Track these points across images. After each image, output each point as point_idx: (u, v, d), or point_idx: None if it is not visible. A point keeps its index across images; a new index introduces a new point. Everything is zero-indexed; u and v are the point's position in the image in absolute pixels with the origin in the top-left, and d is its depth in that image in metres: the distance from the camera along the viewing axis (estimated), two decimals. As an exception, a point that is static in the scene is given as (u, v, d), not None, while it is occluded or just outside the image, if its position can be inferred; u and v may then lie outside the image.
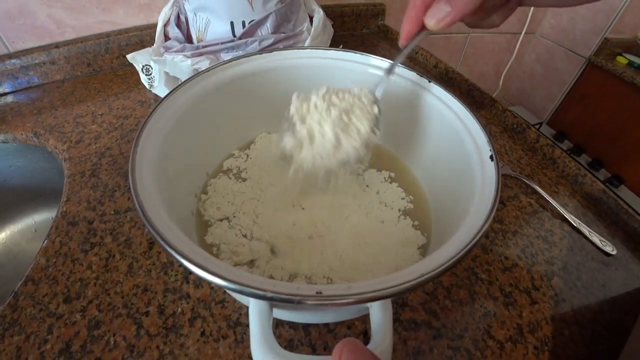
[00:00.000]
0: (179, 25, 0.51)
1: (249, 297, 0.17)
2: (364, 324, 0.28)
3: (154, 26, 0.52)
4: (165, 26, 0.51)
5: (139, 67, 0.51)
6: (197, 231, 0.31)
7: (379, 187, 0.35)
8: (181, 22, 0.51)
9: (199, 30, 0.50)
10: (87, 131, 0.45)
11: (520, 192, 0.42)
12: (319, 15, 0.55)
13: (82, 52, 0.56)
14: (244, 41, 0.48)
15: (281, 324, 0.28)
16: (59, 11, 0.54)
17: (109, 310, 0.28)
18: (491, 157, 0.25)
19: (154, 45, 0.50)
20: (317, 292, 0.17)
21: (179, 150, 0.29)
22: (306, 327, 0.28)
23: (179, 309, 0.28)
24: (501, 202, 0.40)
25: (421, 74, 0.33)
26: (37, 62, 0.53)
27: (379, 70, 0.35)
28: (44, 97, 0.52)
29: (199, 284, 0.30)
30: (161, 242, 0.18)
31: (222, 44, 0.48)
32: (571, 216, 0.39)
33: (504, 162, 0.46)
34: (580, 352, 0.29)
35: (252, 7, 0.47)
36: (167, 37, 0.51)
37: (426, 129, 0.34)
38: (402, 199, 0.34)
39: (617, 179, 0.88)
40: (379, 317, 0.18)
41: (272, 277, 0.28)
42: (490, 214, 0.21)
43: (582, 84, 1.05)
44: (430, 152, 0.35)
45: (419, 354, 0.27)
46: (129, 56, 0.51)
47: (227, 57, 0.49)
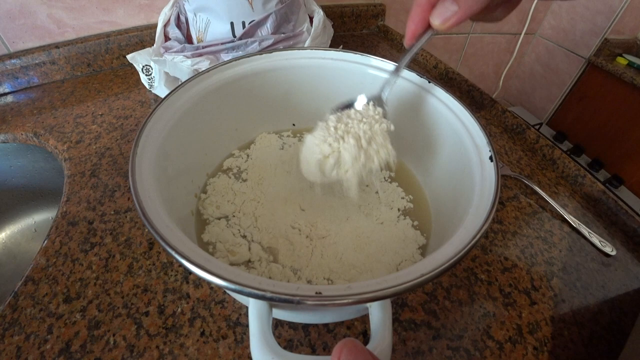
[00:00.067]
0: (179, 25, 0.51)
1: (249, 297, 0.17)
2: (363, 324, 0.28)
3: (154, 26, 0.52)
4: (165, 26, 0.51)
5: (139, 68, 0.51)
6: (196, 230, 0.31)
7: (379, 187, 0.35)
8: (181, 23, 0.51)
9: (199, 30, 0.50)
10: (87, 131, 0.45)
11: (519, 193, 0.42)
12: (319, 15, 0.55)
13: (82, 52, 0.56)
14: (244, 41, 0.48)
15: (281, 324, 0.28)
16: (59, 11, 0.54)
17: (109, 310, 0.28)
18: (491, 158, 0.25)
19: (154, 45, 0.50)
20: (316, 293, 0.17)
21: (179, 150, 0.29)
22: (306, 327, 0.28)
23: (179, 309, 0.28)
24: (501, 202, 0.40)
25: (421, 75, 0.33)
26: (37, 62, 0.53)
27: (379, 70, 0.35)
28: (44, 97, 0.52)
29: (198, 284, 0.30)
30: (161, 242, 0.18)
31: (222, 44, 0.48)
32: (571, 217, 0.39)
33: (504, 163, 0.46)
34: (579, 352, 0.29)
35: (252, 8, 0.47)
36: (167, 38, 0.51)
37: (426, 129, 0.34)
38: (402, 198, 0.34)
39: (617, 180, 0.87)
40: (379, 317, 0.18)
41: (271, 279, 0.27)
42: (489, 215, 0.21)
43: (582, 84, 1.06)
44: (430, 152, 0.35)
45: (418, 354, 0.27)
46: (129, 56, 0.51)
47: (227, 57, 0.49)
